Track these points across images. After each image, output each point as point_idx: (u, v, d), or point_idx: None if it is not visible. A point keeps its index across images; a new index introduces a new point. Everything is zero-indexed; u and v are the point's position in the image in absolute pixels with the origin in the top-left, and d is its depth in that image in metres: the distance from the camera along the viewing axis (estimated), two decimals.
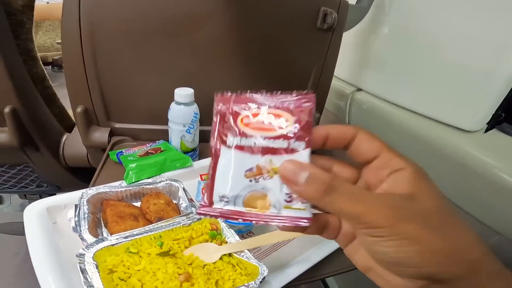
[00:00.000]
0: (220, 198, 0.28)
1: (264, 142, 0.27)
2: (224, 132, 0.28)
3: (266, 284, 0.47)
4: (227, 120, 0.28)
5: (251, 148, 0.27)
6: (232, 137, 0.28)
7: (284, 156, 0.27)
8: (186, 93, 0.73)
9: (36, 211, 0.54)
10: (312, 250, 0.56)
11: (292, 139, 0.27)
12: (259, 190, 0.28)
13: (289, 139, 0.27)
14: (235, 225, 0.55)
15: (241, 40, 0.82)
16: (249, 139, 0.27)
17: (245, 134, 0.28)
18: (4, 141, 0.85)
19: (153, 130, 0.90)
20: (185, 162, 0.75)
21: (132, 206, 0.58)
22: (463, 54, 0.73)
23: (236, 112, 0.28)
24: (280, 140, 0.27)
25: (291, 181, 0.25)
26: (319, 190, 0.24)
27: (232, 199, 0.28)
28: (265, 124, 0.28)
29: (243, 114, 0.28)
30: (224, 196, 0.28)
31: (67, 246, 0.50)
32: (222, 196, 0.28)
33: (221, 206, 0.28)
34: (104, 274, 0.42)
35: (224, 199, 0.28)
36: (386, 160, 0.26)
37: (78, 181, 1.14)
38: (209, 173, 0.29)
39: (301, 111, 0.27)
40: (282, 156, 0.27)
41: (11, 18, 0.82)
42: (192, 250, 0.49)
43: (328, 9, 0.81)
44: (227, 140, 0.28)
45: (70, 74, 0.79)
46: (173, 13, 0.75)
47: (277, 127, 0.27)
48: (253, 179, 0.27)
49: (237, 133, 0.28)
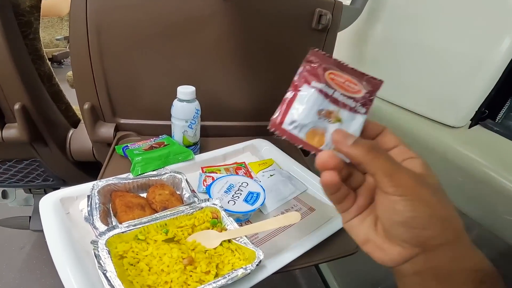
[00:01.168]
0: (290, 122, 0.35)
1: (340, 96, 0.35)
2: (310, 76, 0.35)
3: (262, 267, 0.50)
4: (316, 69, 0.35)
5: (329, 95, 0.35)
6: (316, 82, 0.35)
7: (349, 112, 0.35)
8: (188, 90, 0.75)
9: (51, 202, 0.57)
10: (305, 238, 0.60)
11: (359, 102, 0.36)
12: (320, 128, 0.35)
13: (357, 102, 0.35)
14: (234, 214, 0.58)
15: (240, 41, 0.85)
16: (330, 89, 0.35)
17: (329, 84, 0.35)
18: (14, 136, 0.87)
19: (157, 125, 0.92)
20: (188, 156, 0.78)
21: (139, 197, 0.62)
22: (449, 53, 0.75)
23: (326, 67, 0.35)
24: (351, 100, 0.35)
25: (341, 142, 0.32)
26: (364, 149, 0.30)
27: (300, 126, 0.35)
28: (345, 84, 0.35)
29: (330, 71, 0.35)
30: (294, 122, 0.35)
31: (80, 235, 0.53)
32: (293, 121, 0.35)
33: (289, 129, 0.35)
34: (116, 260, 0.45)
35: (294, 124, 0.35)
36: (403, 151, 0.34)
37: (84, 175, 1.17)
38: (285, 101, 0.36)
39: (371, 87, 0.36)
40: (347, 112, 0.35)
41: (19, 18, 0.84)
42: (194, 237, 0.52)
43: (323, 10, 0.83)
44: (312, 82, 0.35)
45: (78, 72, 0.81)
46: (175, 16, 0.77)
47: (352, 90, 0.36)
48: (322, 117, 0.35)
49: (322, 81, 0.35)
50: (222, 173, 0.76)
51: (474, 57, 0.71)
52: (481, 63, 0.69)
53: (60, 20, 4.43)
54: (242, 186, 0.65)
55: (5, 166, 1.06)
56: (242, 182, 0.66)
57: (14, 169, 1.10)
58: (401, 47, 0.90)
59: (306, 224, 0.64)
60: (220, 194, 0.62)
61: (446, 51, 0.76)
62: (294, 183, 0.76)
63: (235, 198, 0.62)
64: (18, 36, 0.83)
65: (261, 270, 0.50)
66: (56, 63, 4.52)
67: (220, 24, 0.81)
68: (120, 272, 0.44)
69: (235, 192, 0.63)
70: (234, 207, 0.60)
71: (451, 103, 0.75)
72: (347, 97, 0.35)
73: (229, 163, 0.83)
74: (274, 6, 0.82)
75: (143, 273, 0.45)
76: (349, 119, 0.35)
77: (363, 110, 0.36)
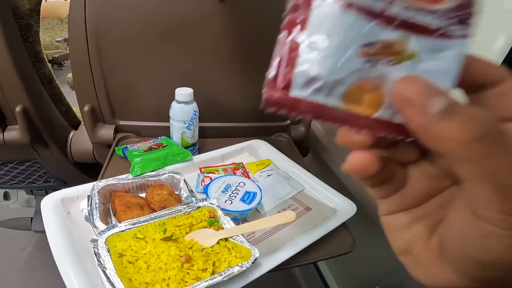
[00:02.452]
0: (306, 81, 0.17)
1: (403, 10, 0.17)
2: None
3: (258, 265, 0.51)
4: None
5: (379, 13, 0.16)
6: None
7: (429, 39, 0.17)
8: (186, 92, 0.76)
9: (52, 202, 0.59)
10: (301, 236, 0.61)
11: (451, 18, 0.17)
12: (375, 78, 0.17)
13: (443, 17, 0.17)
14: (231, 213, 0.60)
15: (237, 42, 0.86)
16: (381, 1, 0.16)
17: None
18: (16, 138, 0.89)
19: (156, 127, 0.93)
20: (186, 156, 0.79)
21: (138, 197, 0.63)
22: None
23: None
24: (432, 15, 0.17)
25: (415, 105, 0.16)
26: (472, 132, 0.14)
27: (328, 85, 0.17)
28: None
29: None
30: (316, 79, 0.17)
31: (80, 234, 0.55)
32: (313, 78, 0.17)
33: (306, 95, 0.17)
34: (115, 258, 0.47)
35: (315, 84, 0.17)
36: None
37: (84, 176, 1.18)
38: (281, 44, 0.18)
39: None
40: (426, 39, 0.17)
41: (19, 21, 0.85)
42: (192, 235, 0.53)
43: None
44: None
45: (78, 75, 0.83)
46: (173, 18, 0.79)
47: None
48: (371, 60, 0.17)
49: None
50: (220, 173, 0.77)
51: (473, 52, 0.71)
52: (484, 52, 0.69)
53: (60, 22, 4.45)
54: (239, 186, 0.66)
55: (7, 167, 1.07)
56: (239, 182, 0.67)
57: (15, 171, 1.11)
58: None
59: (303, 223, 0.65)
60: (217, 194, 0.63)
61: None
62: (291, 183, 0.77)
63: (232, 197, 0.63)
64: (18, 39, 0.84)
65: (257, 267, 0.51)
66: (57, 65, 4.53)
67: (217, 25, 0.82)
68: (119, 269, 0.45)
69: (232, 191, 0.64)
70: (231, 206, 0.61)
71: None
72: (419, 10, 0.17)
73: (227, 163, 0.84)
74: (270, 7, 0.83)
75: (142, 270, 0.47)
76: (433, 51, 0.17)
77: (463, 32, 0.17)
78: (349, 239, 0.65)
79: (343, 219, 0.66)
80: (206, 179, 0.73)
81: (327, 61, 0.17)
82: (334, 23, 0.16)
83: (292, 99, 0.17)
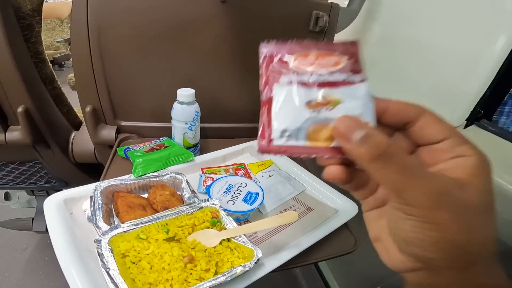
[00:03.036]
0: (281, 134, 0.27)
1: (320, 77, 0.27)
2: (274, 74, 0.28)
3: (261, 266, 0.51)
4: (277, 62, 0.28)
5: (306, 83, 0.27)
6: (285, 76, 0.27)
7: (342, 88, 0.26)
8: (187, 93, 0.76)
9: (55, 203, 0.58)
10: (303, 237, 0.61)
11: (348, 72, 0.27)
12: (322, 121, 0.26)
13: (344, 73, 0.27)
14: (233, 214, 0.60)
15: (238, 43, 0.86)
16: (304, 75, 0.27)
17: (299, 70, 0.27)
18: (17, 139, 0.89)
19: (157, 127, 0.93)
20: (188, 157, 0.79)
21: (140, 197, 0.63)
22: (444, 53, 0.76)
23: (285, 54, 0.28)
24: (337, 74, 0.27)
25: (344, 137, 0.24)
26: (372, 153, 0.23)
27: (294, 132, 0.27)
28: (317, 62, 0.27)
29: (294, 55, 0.28)
30: (285, 131, 0.27)
31: (83, 235, 0.55)
32: (283, 130, 0.27)
33: (283, 143, 0.27)
34: (118, 258, 0.47)
35: (286, 134, 0.27)
36: (453, 145, 0.25)
37: (86, 177, 1.18)
38: (263, 115, 0.27)
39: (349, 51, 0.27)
40: (340, 89, 0.26)
41: (21, 22, 0.85)
42: (194, 236, 0.54)
43: (320, 12, 0.85)
44: (280, 79, 0.27)
45: (79, 75, 0.82)
46: (174, 19, 0.79)
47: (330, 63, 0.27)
48: (315, 110, 0.26)
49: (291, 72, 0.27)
50: (222, 174, 0.77)
51: (469, 56, 0.71)
52: (476, 62, 0.70)
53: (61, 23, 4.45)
54: (241, 186, 0.66)
55: (8, 168, 1.08)
56: (241, 182, 0.67)
57: (17, 171, 1.11)
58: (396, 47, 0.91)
59: (304, 224, 0.66)
60: (219, 195, 0.64)
61: (441, 51, 0.77)
62: (293, 184, 0.77)
63: (234, 198, 0.63)
64: (20, 40, 0.84)
65: (259, 268, 0.51)
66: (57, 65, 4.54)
67: (219, 26, 0.82)
68: (123, 270, 0.45)
69: (234, 192, 0.65)
70: (233, 207, 0.61)
71: (446, 103, 0.76)
72: (329, 73, 0.27)
73: (228, 164, 0.85)
74: (271, 9, 0.83)
75: (145, 271, 0.47)
76: (348, 95, 0.27)
77: (358, 78, 0.27)
78: (351, 239, 0.65)
79: (345, 220, 0.66)
80: (208, 179, 0.73)
81: (288, 118, 0.26)
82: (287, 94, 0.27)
83: (276, 147, 0.27)
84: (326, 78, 0.27)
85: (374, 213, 0.31)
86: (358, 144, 0.23)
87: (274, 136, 0.27)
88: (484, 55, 0.69)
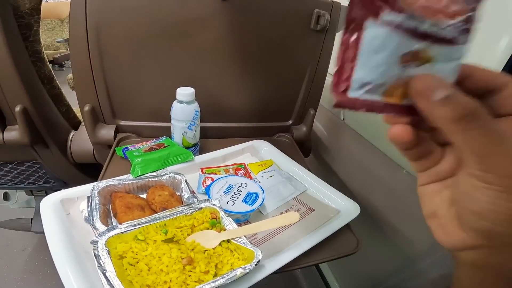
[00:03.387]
0: (360, 85, 0.23)
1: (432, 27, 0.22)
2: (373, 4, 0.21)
3: (261, 267, 0.50)
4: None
5: (416, 31, 0.22)
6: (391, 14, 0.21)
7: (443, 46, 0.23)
8: (187, 92, 0.76)
9: (51, 203, 0.58)
10: (304, 238, 0.60)
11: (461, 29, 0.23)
12: (404, 77, 0.23)
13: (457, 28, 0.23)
14: (233, 214, 0.59)
15: (239, 42, 0.85)
16: (414, 20, 0.22)
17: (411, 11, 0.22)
18: (15, 138, 0.88)
19: (156, 127, 0.93)
20: (187, 157, 0.79)
21: (139, 198, 0.62)
22: None
23: None
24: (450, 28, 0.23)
25: (424, 95, 0.22)
26: (457, 114, 0.21)
27: (375, 87, 0.23)
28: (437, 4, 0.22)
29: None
30: (368, 84, 0.23)
31: (80, 236, 0.54)
32: (365, 83, 0.23)
33: (358, 95, 0.23)
34: (115, 260, 0.46)
35: (366, 87, 0.23)
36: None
37: (85, 177, 1.17)
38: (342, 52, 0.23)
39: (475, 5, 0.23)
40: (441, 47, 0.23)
41: (19, 21, 0.84)
42: (194, 237, 0.53)
43: (321, 11, 0.84)
44: (383, 15, 0.21)
45: (78, 75, 0.82)
46: (174, 18, 0.78)
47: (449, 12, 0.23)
48: (406, 65, 0.23)
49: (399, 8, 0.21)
50: (222, 174, 0.77)
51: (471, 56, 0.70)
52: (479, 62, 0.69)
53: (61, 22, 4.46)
54: (241, 186, 0.65)
55: (6, 168, 1.07)
56: (241, 182, 0.66)
57: (15, 171, 1.10)
58: None
59: (305, 225, 0.65)
60: (219, 195, 0.63)
61: None
62: (294, 184, 0.76)
63: (234, 198, 0.62)
64: (19, 39, 0.83)
65: (259, 270, 0.50)
66: (57, 65, 4.54)
67: (219, 25, 0.81)
68: (120, 272, 0.44)
69: (234, 192, 0.64)
70: (233, 207, 0.60)
71: None
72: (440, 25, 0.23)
73: (228, 164, 0.84)
74: (272, 7, 0.82)
75: (143, 273, 0.46)
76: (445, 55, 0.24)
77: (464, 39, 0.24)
78: (353, 240, 0.64)
79: (346, 220, 0.65)
80: (207, 179, 0.72)
81: (377, 70, 0.22)
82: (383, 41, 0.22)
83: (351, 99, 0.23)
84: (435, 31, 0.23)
85: (433, 186, 0.29)
86: (440, 103, 0.21)
87: (353, 85, 0.23)
88: (486, 56, 0.68)
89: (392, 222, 0.93)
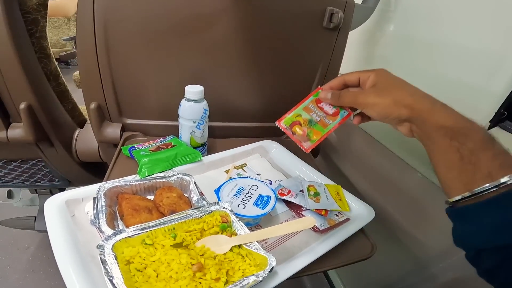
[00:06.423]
0: None
1: None
2: None
3: (274, 274, 0.48)
4: None
5: None
6: None
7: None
8: (196, 90, 0.73)
9: (56, 204, 0.56)
10: (317, 243, 0.58)
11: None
12: None
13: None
14: (243, 218, 0.57)
15: (249, 39, 0.83)
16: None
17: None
18: (19, 136, 0.86)
19: (164, 125, 0.91)
20: (195, 157, 0.76)
21: (146, 200, 0.60)
22: (466, 53, 0.73)
23: None
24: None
25: (325, 99, 0.58)
26: (335, 97, 0.56)
27: None
28: None
29: None
30: None
31: (85, 239, 0.52)
32: None
33: None
34: (122, 265, 0.43)
35: None
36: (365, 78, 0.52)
37: (89, 176, 1.16)
38: None
39: None
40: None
41: (26, 16, 0.82)
42: (203, 242, 0.50)
43: (334, 8, 0.82)
44: None
45: (85, 72, 0.80)
46: (183, 13, 0.76)
47: None
48: None
49: None
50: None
51: (492, 55, 0.68)
52: (501, 61, 0.66)
53: (67, 21, 4.45)
54: (252, 189, 0.63)
55: (11, 166, 1.06)
56: (252, 185, 0.64)
57: (19, 169, 1.09)
58: (414, 46, 0.87)
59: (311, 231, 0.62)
60: (229, 197, 0.60)
61: (463, 50, 0.74)
62: None
63: (245, 201, 0.60)
64: (25, 34, 0.82)
65: (272, 277, 0.48)
66: (63, 63, 4.55)
67: (229, 21, 0.79)
68: (127, 278, 0.42)
69: (245, 195, 0.61)
70: (244, 211, 0.58)
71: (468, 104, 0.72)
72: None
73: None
74: (284, 4, 0.80)
75: (151, 279, 0.43)
76: None
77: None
78: (367, 244, 0.63)
79: (361, 225, 0.63)
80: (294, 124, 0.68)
81: None
82: None
83: None
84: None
85: None
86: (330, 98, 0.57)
87: None
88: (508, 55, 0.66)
89: (404, 226, 0.91)
